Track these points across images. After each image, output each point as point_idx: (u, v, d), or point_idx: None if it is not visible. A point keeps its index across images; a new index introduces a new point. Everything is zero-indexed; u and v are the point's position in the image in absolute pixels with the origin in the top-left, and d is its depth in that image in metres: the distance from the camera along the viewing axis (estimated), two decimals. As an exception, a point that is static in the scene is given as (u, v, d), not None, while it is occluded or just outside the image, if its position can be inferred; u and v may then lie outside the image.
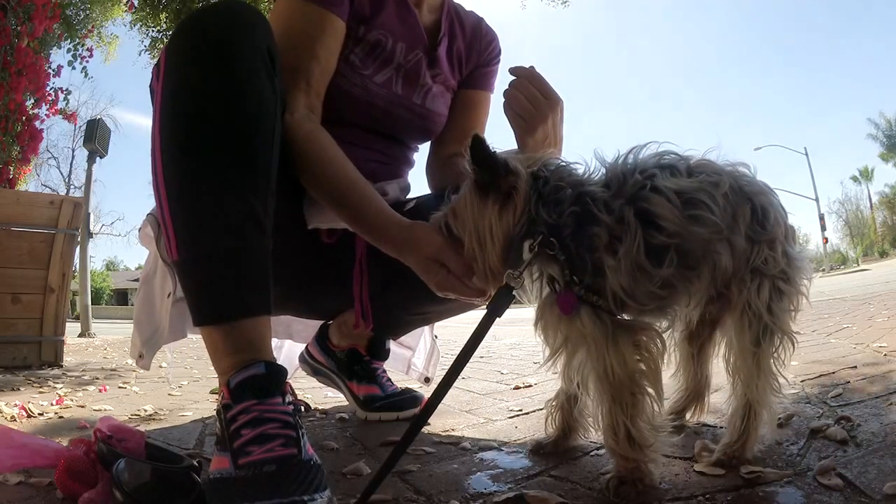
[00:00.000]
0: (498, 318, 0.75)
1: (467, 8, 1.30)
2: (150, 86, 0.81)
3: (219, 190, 0.73)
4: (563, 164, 0.78)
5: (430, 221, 0.87)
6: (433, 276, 0.86)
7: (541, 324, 0.77)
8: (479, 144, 0.74)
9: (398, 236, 0.89)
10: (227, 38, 0.76)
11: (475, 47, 1.28)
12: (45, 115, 4.75)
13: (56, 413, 1.44)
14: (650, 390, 0.72)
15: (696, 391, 0.99)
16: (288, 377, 0.75)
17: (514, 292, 0.75)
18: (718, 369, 0.93)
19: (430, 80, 1.20)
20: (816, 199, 29.33)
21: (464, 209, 0.79)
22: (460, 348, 0.72)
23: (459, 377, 0.73)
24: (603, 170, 0.76)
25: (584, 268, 0.71)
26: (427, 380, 1.51)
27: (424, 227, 0.88)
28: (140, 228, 1.07)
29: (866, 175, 41.76)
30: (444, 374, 0.73)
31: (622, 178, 0.73)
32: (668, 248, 0.69)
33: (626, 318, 0.74)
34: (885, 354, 1.54)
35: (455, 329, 3.86)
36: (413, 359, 1.52)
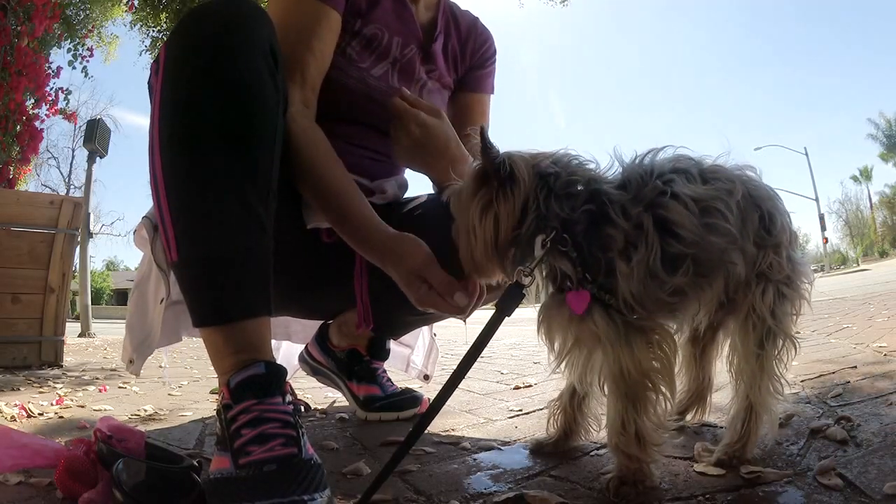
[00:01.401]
0: (507, 318, 0.74)
1: (465, 6, 1.30)
2: (149, 82, 0.80)
3: (219, 190, 0.72)
4: (575, 158, 0.77)
5: (446, 193, 0.85)
6: (415, 291, 0.86)
7: (544, 326, 0.76)
8: (483, 137, 0.73)
9: (382, 247, 0.89)
10: (229, 35, 0.76)
11: (469, 45, 1.28)
12: (45, 115, 4.74)
13: (56, 413, 1.43)
14: (664, 389, 0.72)
15: (698, 392, 0.99)
16: (287, 377, 0.74)
17: (524, 290, 0.73)
18: (720, 369, 0.93)
19: (424, 76, 1.20)
20: (816, 199, 29.33)
21: (457, 194, 0.79)
22: (462, 348, 0.72)
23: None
24: (619, 169, 0.75)
25: (598, 267, 0.70)
26: (426, 377, 1.51)
27: (410, 241, 0.88)
28: (135, 231, 1.06)
29: (866, 175, 41.75)
30: (447, 374, 0.72)
31: (640, 181, 0.71)
32: (684, 258, 0.69)
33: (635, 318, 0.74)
34: (885, 354, 1.54)
35: (456, 329, 3.86)
36: (412, 357, 1.52)
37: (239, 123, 0.75)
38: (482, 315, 0.90)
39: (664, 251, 0.68)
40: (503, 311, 0.73)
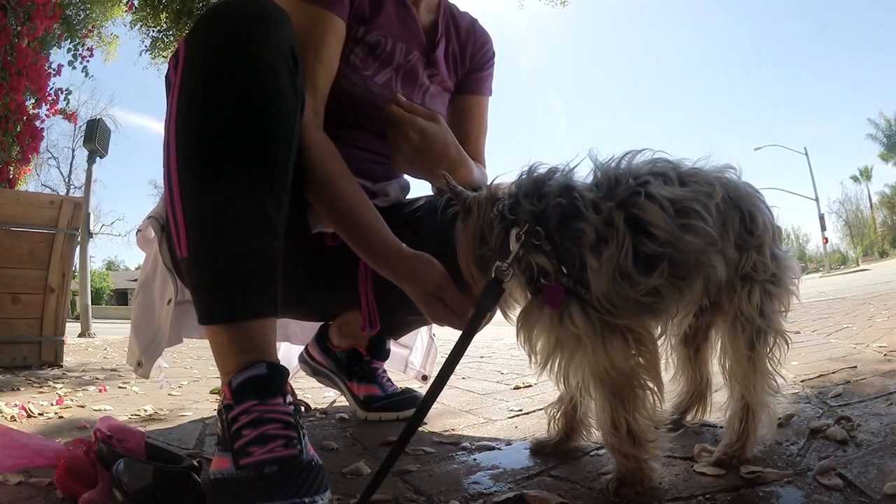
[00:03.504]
0: (490, 314, 0.75)
1: (465, 7, 1.30)
2: (167, 76, 0.79)
3: (233, 189, 0.72)
4: (540, 164, 0.78)
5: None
6: (431, 309, 0.88)
7: (524, 331, 0.76)
8: (447, 185, 0.79)
9: (398, 266, 0.90)
10: (249, 34, 0.75)
11: (469, 48, 1.28)
12: (46, 114, 4.74)
13: (56, 413, 1.43)
14: (650, 384, 0.72)
15: (698, 392, 0.99)
16: (288, 378, 0.74)
17: (503, 285, 0.73)
18: (718, 368, 0.93)
19: (427, 81, 1.20)
20: (816, 199, 29.34)
21: (458, 239, 0.82)
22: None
23: (459, 377, 0.73)
24: (592, 168, 0.75)
25: (573, 260, 0.70)
26: (424, 378, 1.51)
27: (426, 262, 0.89)
28: (138, 231, 1.06)
29: (866, 175, 41.79)
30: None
31: (613, 181, 0.71)
32: (659, 257, 0.68)
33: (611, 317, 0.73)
34: (885, 354, 1.54)
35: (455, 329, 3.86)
36: (410, 357, 1.53)
37: (256, 126, 0.74)
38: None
39: (637, 250, 0.68)
40: (483, 309, 0.73)
